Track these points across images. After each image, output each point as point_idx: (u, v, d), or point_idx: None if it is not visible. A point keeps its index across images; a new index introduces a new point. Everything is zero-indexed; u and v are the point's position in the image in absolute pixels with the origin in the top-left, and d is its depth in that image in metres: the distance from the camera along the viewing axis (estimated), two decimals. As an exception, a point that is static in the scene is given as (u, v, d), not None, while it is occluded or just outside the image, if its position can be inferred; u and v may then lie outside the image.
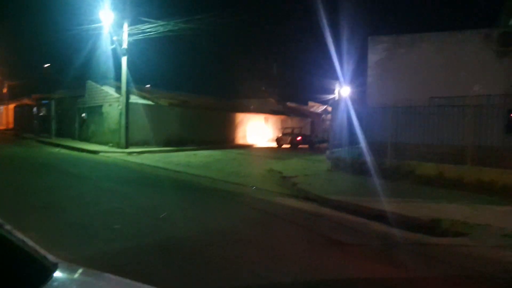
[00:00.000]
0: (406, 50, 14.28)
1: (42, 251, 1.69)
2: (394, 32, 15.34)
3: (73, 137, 28.07)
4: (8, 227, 1.62)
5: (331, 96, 50.74)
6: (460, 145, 11.09)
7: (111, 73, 24.98)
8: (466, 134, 10.99)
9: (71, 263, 1.82)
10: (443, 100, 11.76)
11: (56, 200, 8.48)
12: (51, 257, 1.71)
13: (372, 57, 14.99)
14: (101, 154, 19.76)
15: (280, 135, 34.10)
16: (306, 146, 31.86)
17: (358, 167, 12.76)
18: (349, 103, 14.81)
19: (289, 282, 4.48)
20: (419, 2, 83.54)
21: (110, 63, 23.96)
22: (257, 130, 35.66)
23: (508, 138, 10.70)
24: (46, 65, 45.20)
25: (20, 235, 1.63)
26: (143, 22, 21.11)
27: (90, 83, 27.05)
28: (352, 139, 13.77)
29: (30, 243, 1.66)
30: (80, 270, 1.82)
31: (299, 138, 32.21)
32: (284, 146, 32.22)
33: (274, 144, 34.06)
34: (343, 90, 39.84)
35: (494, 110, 11.00)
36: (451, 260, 5.47)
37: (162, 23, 21.09)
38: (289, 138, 32.36)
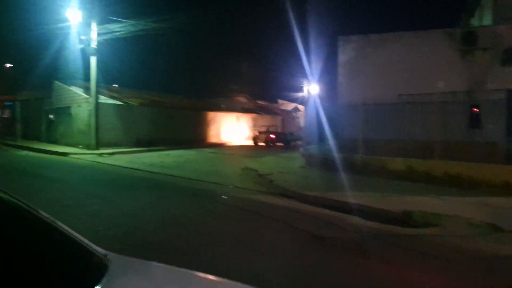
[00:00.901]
0: (375, 49, 14.73)
1: (92, 244, 1.82)
2: (363, 32, 15.78)
3: (40, 139, 27.39)
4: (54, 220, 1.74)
5: (300, 94, 51.38)
6: (428, 140, 11.58)
7: (79, 73, 24.52)
8: (433, 130, 11.48)
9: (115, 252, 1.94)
10: (411, 97, 12.23)
11: (35, 203, 8.29)
12: (100, 249, 1.83)
13: (342, 56, 15.37)
14: (71, 156, 19.43)
15: (257, 133, 34.42)
16: (282, 144, 32.17)
17: (331, 164, 13.10)
18: (321, 101, 15.18)
19: (278, 279, 4.69)
20: (386, 4, 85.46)
21: (78, 63, 23.50)
22: (229, 128, 35.78)
23: (472, 133, 11.27)
24: (8, 66, 43.79)
25: (68, 228, 1.75)
26: (112, 22, 20.89)
27: (57, 84, 26.46)
28: (325, 136, 14.12)
29: (78, 235, 1.78)
30: (129, 259, 1.94)
31: (273, 136, 32.55)
32: (260, 144, 32.58)
33: (250, 142, 34.35)
34: (313, 88, 40.38)
35: (459, 106, 11.56)
36: (425, 250, 5.81)
37: (131, 22, 20.92)
38: (264, 136, 32.76)
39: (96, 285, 1.56)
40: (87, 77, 22.49)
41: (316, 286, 4.55)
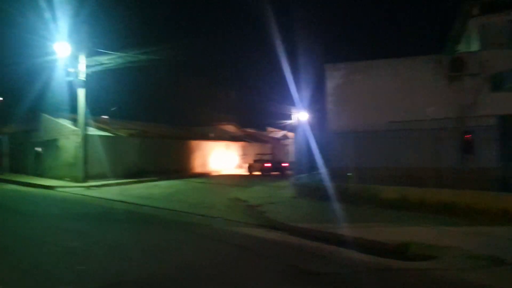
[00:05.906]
0: (362, 76, 14.68)
1: None
2: (350, 59, 15.75)
3: (28, 173, 26.85)
4: None
5: (289, 122, 51.39)
6: (420, 167, 11.35)
7: (67, 105, 24.26)
8: (426, 157, 11.27)
9: None
10: (401, 124, 12.07)
11: (13, 242, 8.01)
12: None
13: (330, 84, 15.29)
14: (57, 189, 18.96)
15: (252, 162, 33.71)
16: (278, 173, 30.04)
17: (322, 193, 12.76)
18: (310, 129, 14.98)
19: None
20: (373, 32, 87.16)
21: (66, 95, 23.28)
22: (219, 157, 35.39)
23: (465, 159, 11.06)
24: (-4, 99, 43.32)
25: None
26: (100, 54, 20.80)
27: (45, 116, 26.17)
28: (316, 165, 13.83)
29: None
30: None
31: (268, 164, 31.22)
32: (256, 173, 31.27)
33: (240, 171, 33.68)
34: (302, 116, 40.35)
35: (451, 133, 11.39)
36: (422, 286, 5.47)
37: (119, 54, 20.85)
38: (258, 165, 31.85)
39: None
40: (75, 109, 22.22)
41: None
